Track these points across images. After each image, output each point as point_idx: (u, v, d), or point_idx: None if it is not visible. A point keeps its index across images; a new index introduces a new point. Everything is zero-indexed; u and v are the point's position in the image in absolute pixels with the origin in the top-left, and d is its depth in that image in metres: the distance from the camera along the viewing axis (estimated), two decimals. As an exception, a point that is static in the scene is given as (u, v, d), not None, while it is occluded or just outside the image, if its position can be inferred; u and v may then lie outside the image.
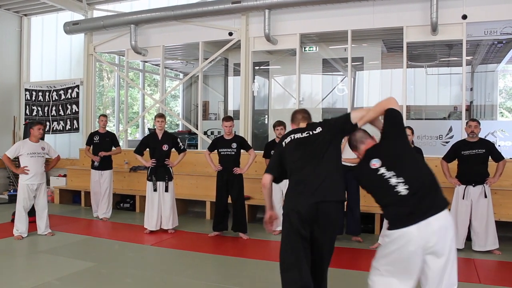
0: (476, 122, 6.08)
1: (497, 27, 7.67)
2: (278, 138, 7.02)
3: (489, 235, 5.99)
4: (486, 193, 6.00)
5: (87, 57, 10.75)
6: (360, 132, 3.30)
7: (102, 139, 8.21)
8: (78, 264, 5.39)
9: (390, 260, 2.80)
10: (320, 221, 3.19)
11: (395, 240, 2.76)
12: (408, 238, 2.70)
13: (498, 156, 6.07)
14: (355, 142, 3.26)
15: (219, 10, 8.85)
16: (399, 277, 2.78)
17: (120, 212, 8.97)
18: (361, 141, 3.26)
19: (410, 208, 2.75)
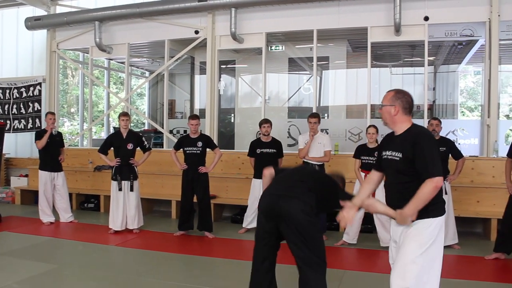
0: (437, 120, 6.24)
1: (457, 29, 7.91)
2: (264, 137, 7.00)
3: (449, 230, 6.15)
4: (447, 190, 6.16)
5: (50, 54, 10.52)
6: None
7: (53, 138, 7.70)
8: (40, 267, 5.26)
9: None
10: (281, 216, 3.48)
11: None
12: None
13: (458, 154, 6.26)
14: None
15: (185, 8, 8.80)
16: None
17: (84, 212, 8.81)
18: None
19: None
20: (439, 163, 2.89)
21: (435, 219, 2.94)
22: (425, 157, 2.87)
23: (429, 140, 2.95)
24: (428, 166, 2.86)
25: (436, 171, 2.84)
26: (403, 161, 2.97)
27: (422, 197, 2.86)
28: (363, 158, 6.30)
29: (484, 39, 7.83)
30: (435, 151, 2.92)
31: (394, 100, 3.07)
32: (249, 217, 7.07)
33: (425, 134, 3.01)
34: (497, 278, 5.11)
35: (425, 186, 2.84)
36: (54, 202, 7.77)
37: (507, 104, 16.27)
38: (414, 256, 2.89)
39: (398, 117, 3.06)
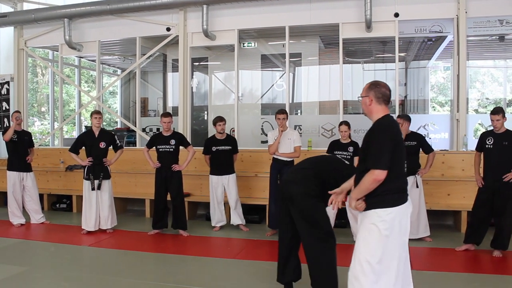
0: (402, 118, 6.26)
1: (426, 25, 8.05)
2: (219, 134, 7.02)
3: (421, 223, 6.27)
4: (418, 183, 6.27)
5: (18, 51, 10.28)
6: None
7: (21, 138, 7.48)
8: (10, 269, 5.14)
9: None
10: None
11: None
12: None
13: (428, 148, 6.37)
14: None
15: (157, 5, 8.70)
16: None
17: (56, 213, 8.66)
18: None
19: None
20: (386, 157, 2.91)
21: (385, 209, 2.97)
22: (373, 148, 2.96)
23: (384, 132, 3.01)
24: (374, 157, 2.93)
25: (379, 164, 2.89)
26: (363, 150, 3.10)
27: (362, 186, 2.99)
28: (337, 153, 6.35)
29: (453, 35, 7.99)
30: (387, 144, 2.95)
31: (368, 91, 3.18)
32: (215, 215, 7.14)
33: (383, 125, 3.06)
34: (467, 269, 5.25)
35: (366, 177, 2.94)
36: (24, 203, 7.60)
37: (475, 99, 16.64)
38: (363, 248, 3.00)
39: (372, 107, 3.15)
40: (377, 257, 2.93)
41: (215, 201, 7.06)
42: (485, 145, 5.69)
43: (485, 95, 17.00)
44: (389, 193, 2.98)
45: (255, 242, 6.43)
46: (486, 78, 17.55)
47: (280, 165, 6.65)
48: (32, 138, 7.88)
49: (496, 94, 16.50)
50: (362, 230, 3.06)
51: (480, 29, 7.87)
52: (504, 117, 5.57)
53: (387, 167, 2.89)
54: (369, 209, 3.01)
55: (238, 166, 7.81)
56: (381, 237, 2.94)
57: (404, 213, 3.02)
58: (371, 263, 2.93)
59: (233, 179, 7.07)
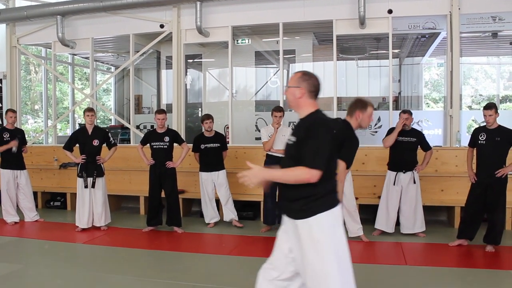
0: (407, 114, 6.28)
1: (420, 22, 8.07)
2: (207, 132, 7.03)
3: (417, 218, 6.31)
4: (415, 179, 6.30)
5: (10, 49, 10.22)
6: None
7: (14, 137, 7.39)
8: (4, 267, 5.12)
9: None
10: None
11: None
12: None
13: (427, 146, 6.39)
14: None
15: (150, 2, 8.67)
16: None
17: (50, 211, 8.63)
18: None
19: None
20: (324, 157, 2.65)
21: (324, 214, 2.70)
22: (311, 146, 2.66)
23: (323, 131, 2.72)
24: (311, 156, 2.64)
25: (317, 164, 2.62)
26: (295, 146, 2.78)
27: (288, 174, 2.71)
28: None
29: (446, 32, 8.01)
30: (325, 143, 2.68)
31: (300, 81, 2.86)
32: (208, 211, 7.16)
33: (321, 123, 2.78)
34: (460, 264, 5.28)
35: (300, 169, 2.64)
36: (18, 201, 7.57)
37: (469, 95, 16.70)
38: (325, 267, 2.68)
39: (302, 100, 2.84)
40: (334, 267, 2.68)
41: (206, 198, 7.09)
42: (478, 141, 5.71)
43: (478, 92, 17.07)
44: (323, 195, 2.73)
45: (250, 238, 6.44)
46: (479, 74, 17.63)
47: (274, 161, 6.60)
48: (25, 136, 7.83)
49: (489, 91, 16.57)
50: (316, 247, 2.68)
51: (473, 25, 7.90)
52: (497, 112, 5.60)
53: (324, 168, 2.64)
54: (308, 215, 2.71)
55: (232, 162, 7.83)
56: (337, 239, 2.73)
57: (340, 213, 2.81)
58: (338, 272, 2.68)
59: (223, 176, 7.08)
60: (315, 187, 2.68)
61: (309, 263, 2.70)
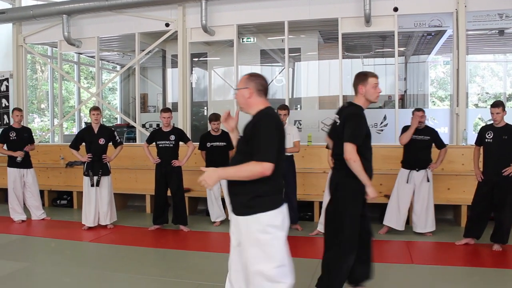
0: (421, 112, 6.23)
1: (426, 20, 8.03)
2: (214, 131, 7.04)
3: (428, 217, 6.28)
4: (429, 177, 6.27)
5: (17, 48, 10.26)
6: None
7: (20, 135, 7.46)
8: (11, 266, 5.15)
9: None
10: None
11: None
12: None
13: (441, 144, 6.35)
14: None
15: (155, 1, 8.70)
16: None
17: (57, 209, 8.67)
18: None
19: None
20: (274, 150, 2.69)
21: (268, 213, 2.74)
22: (260, 140, 2.71)
23: (270, 124, 2.78)
24: (261, 149, 2.68)
25: (267, 157, 2.65)
26: (242, 141, 2.89)
27: (241, 170, 2.71)
28: (336, 148, 6.35)
29: (452, 29, 7.97)
30: (274, 136, 2.73)
31: (248, 82, 2.96)
32: (213, 210, 7.17)
33: (268, 117, 2.84)
34: (467, 263, 5.27)
35: (252, 164, 2.67)
36: (24, 199, 7.61)
37: (475, 93, 16.64)
38: (251, 255, 2.76)
39: (252, 100, 2.93)
40: (276, 267, 2.74)
41: (212, 196, 7.10)
42: (485, 139, 5.69)
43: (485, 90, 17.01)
44: (269, 193, 2.77)
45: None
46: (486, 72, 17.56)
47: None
48: (32, 134, 7.87)
49: (496, 89, 16.50)
50: (252, 244, 2.74)
51: (479, 23, 7.85)
52: (504, 110, 5.56)
53: (275, 161, 2.68)
54: (252, 212, 2.73)
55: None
56: (275, 239, 2.74)
57: (284, 214, 2.83)
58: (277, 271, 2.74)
59: None
60: (260, 185, 2.72)
61: (246, 260, 2.78)
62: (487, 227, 5.71)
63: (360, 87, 3.75)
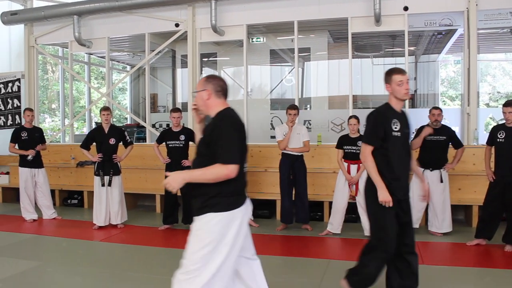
0: (438, 110, 6.21)
1: (436, 19, 7.98)
2: None
3: (445, 218, 6.24)
4: (443, 178, 6.22)
5: (28, 49, 10.34)
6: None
7: (31, 135, 7.52)
8: (23, 264, 5.21)
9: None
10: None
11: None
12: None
13: (458, 143, 6.31)
14: None
15: (165, 1, 8.73)
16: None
17: (68, 208, 8.73)
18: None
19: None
20: (236, 151, 2.74)
21: (218, 214, 2.75)
22: (222, 142, 2.73)
23: (231, 126, 2.81)
24: (224, 151, 2.71)
25: (231, 159, 2.69)
26: (202, 143, 2.88)
27: (206, 173, 2.72)
28: (346, 147, 6.35)
29: (463, 28, 7.92)
30: (235, 138, 2.76)
31: (205, 84, 2.95)
32: None
33: (228, 118, 2.86)
34: (479, 264, 5.22)
35: (217, 167, 2.69)
36: (36, 199, 7.68)
37: (486, 92, 16.51)
38: (189, 253, 2.82)
39: (211, 101, 2.93)
40: (213, 267, 2.76)
41: None
42: (497, 139, 5.64)
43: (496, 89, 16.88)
44: (222, 194, 2.78)
45: (266, 237, 6.44)
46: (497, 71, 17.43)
47: (291, 160, 6.62)
48: (43, 134, 7.93)
49: (507, 88, 16.37)
50: (195, 235, 2.81)
51: (491, 21, 7.79)
52: (517, 109, 5.51)
53: (239, 162, 2.72)
54: (202, 212, 2.78)
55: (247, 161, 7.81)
56: (222, 241, 2.76)
57: (239, 217, 2.83)
58: (195, 269, 2.78)
59: None
60: (216, 186, 2.74)
61: (187, 251, 2.83)
62: (499, 228, 5.66)
63: (387, 85, 3.65)
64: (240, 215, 2.84)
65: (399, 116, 3.62)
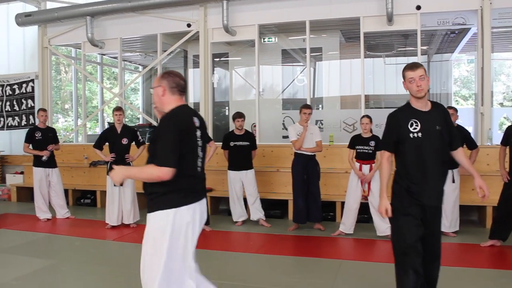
0: (452, 109, 6.14)
1: (449, 18, 7.91)
2: (237, 130, 7.05)
3: (453, 218, 6.19)
4: (454, 178, 6.16)
5: (42, 50, 10.45)
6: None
7: (45, 135, 7.61)
8: (37, 263, 5.26)
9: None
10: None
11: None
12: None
13: (473, 144, 6.22)
14: None
15: (177, 2, 8.76)
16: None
17: (81, 208, 8.81)
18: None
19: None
20: (173, 154, 2.71)
21: (164, 212, 2.78)
22: (160, 143, 2.74)
23: (172, 126, 2.78)
24: (160, 154, 2.71)
25: (166, 162, 2.68)
26: (151, 143, 2.89)
27: (141, 172, 2.84)
28: (358, 147, 6.32)
29: (477, 27, 7.85)
30: (172, 140, 2.72)
31: (161, 80, 2.95)
32: (236, 210, 7.19)
33: (171, 118, 2.84)
34: (493, 265, 5.16)
35: (151, 168, 2.72)
36: (49, 198, 7.75)
37: (500, 92, 16.34)
38: (143, 250, 2.89)
39: (165, 98, 2.93)
40: (161, 262, 2.82)
41: (235, 196, 7.11)
42: (511, 138, 5.58)
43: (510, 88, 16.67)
44: (169, 192, 2.79)
45: (278, 237, 6.44)
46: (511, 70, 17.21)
47: (305, 160, 6.61)
48: (57, 134, 8.00)
49: (521, 87, 16.18)
50: (146, 233, 2.88)
51: (505, 20, 7.70)
52: (531, 109, 5.45)
53: (176, 165, 2.70)
54: (152, 211, 2.82)
55: (259, 161, 7.84)
56: (164, 240, 2.79)
57: (187, 214, 2.83)
58: (157, 267, 2.84)
59: (251, 175, 7.07)
60: (161, 184, 2.75)
61: (143, 252, 2.89)
62: (514, 229, 5.60)
63: (403, 83, 3.46)
64: (189, 212, 2.83)
65: (421, 115, 3.34)
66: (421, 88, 3.29)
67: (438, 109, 3.44)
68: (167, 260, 2.79)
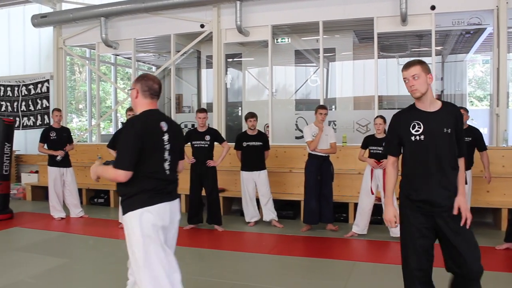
0: (463, 110, 6.09)
1: (464, 18, 7.83)
2: (250, 130, 7.05)
3: None
4: (467, 180, 6.08)
5: (57, 50, 10.56)
6: None
7: (60, 135, 7.70)
8: (51, 261, 5.32)
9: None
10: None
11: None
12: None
13: (482, 146, 6.14)
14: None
15: (191, 2, 8.80)
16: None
17: (94, 207, 8.87)
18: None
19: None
20: (127, 156, 2.79)
21: (133, 212, 2.85)
22: (118, 146, 2.95)
23: (127, 130, 2.92)
24: (116, 156, 2.86)
25: (121, 165, 2.78)
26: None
27: (104, 171, 2.93)
28: (372, 148, 6.28)
29: (492, 27, 7.76)
30: (129, 143, 2.82)
31: (135, 83, 3.02)
32: (248, 210, 7.20)
33: (134, 121, 2.93)
34: (509, 268, 5.10)
35: (109, 169, 2.84)
36: (64, 197, 7.82)
37: (516, 93, 16.11)
38: (129, 252, 2.97)
39: (138, 101, 3.00)
40: (141, 260, 2.90)
41: (247, 196, 7.10)
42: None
43: (526, 89, 16.45)
44: (136, 194, 2.86)
45: (290, 238, 6.43)
46: (527, 71, 16.99)
47: (319, 161, 6.58)
48: (71, 134, 8.08)
49: (538, 88, 15.94)
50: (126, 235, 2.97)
51: (521, 20, 7.62)
52: (548, 111, 5.37)
53: (131, 168, 2.78)
54: (124, 212, 2.91)
55: (272, 161, 7.83)
56: (138, 240, 2.87)
57: (156, 213, 2.88)
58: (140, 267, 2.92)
59: (264, 176, 7.06)
60: (129, 186, 2.85)
61: (129, 253, 2.96)
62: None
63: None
64: (158, 211, 2.89)
65: (425, 116, 3.07)
66: (415, 88, 3.03)
67: (448, 109, 3.15)
68: (147, 257, 2.88)
